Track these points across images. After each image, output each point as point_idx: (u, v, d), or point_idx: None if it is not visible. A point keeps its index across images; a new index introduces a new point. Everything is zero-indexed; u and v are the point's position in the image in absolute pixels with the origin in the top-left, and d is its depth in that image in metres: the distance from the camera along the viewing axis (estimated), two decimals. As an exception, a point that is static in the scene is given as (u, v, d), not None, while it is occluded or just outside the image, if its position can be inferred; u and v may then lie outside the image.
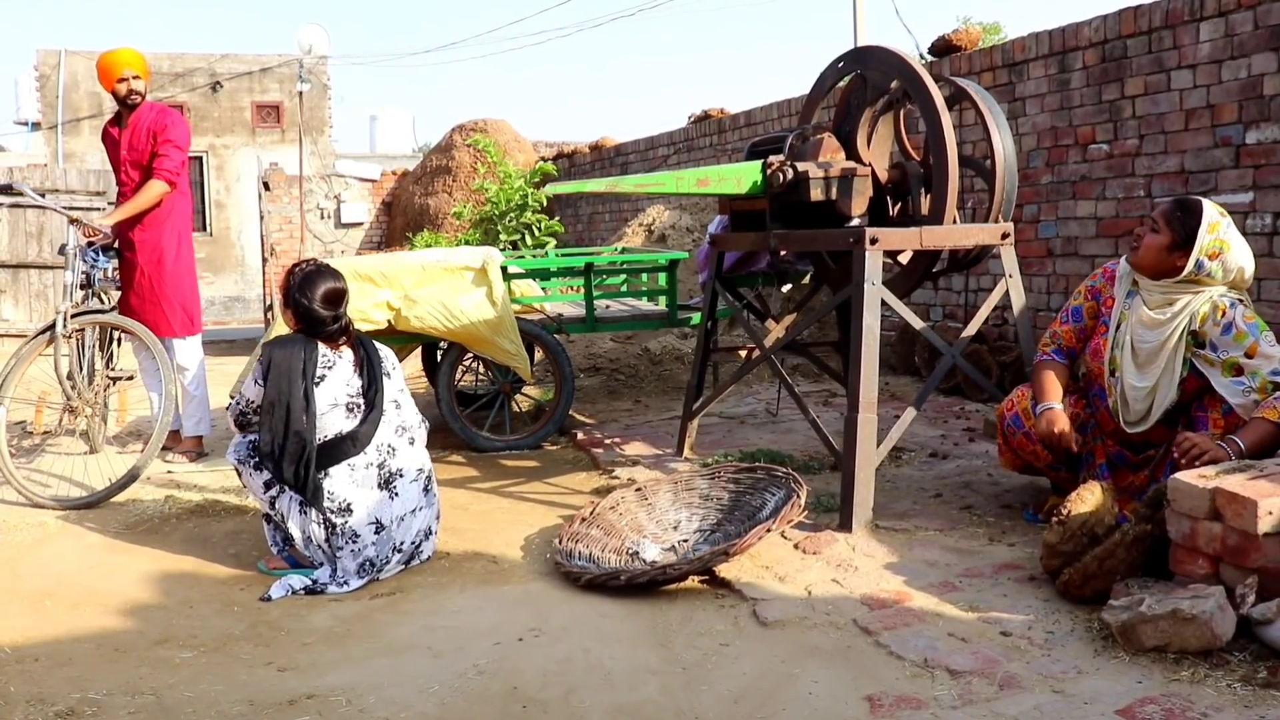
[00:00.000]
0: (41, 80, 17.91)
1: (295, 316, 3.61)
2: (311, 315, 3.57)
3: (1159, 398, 3.41)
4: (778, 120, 8.97)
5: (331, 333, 3.61)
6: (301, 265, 3.70)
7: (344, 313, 3.64)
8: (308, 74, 18.44)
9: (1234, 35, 4.91)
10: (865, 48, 4.48)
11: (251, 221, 18.39)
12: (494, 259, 5.26)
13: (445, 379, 5.39)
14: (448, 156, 16.29)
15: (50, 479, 4.84)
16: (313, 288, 3.58)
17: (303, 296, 3.57)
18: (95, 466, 4.94)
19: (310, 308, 3.56)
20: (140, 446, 5.22)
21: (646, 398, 6.63)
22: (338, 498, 3.49)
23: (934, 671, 2.59)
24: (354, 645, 2.98)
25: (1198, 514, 2.74)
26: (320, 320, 3.57)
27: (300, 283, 3.60)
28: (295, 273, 3.65)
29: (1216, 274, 3.34)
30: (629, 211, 11.46)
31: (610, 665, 2.75)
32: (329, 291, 3.59)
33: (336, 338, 3.63)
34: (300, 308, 3.57)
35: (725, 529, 3.76)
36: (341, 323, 3.63)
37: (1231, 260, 3.35)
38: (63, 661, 2.89)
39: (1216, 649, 2.55)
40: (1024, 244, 6.10)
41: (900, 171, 4.33)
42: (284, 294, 3.65)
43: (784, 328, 4.84)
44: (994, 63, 6.42)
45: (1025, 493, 4.05)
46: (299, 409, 3.48)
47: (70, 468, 5.00)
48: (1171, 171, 5.29)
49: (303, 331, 3.62)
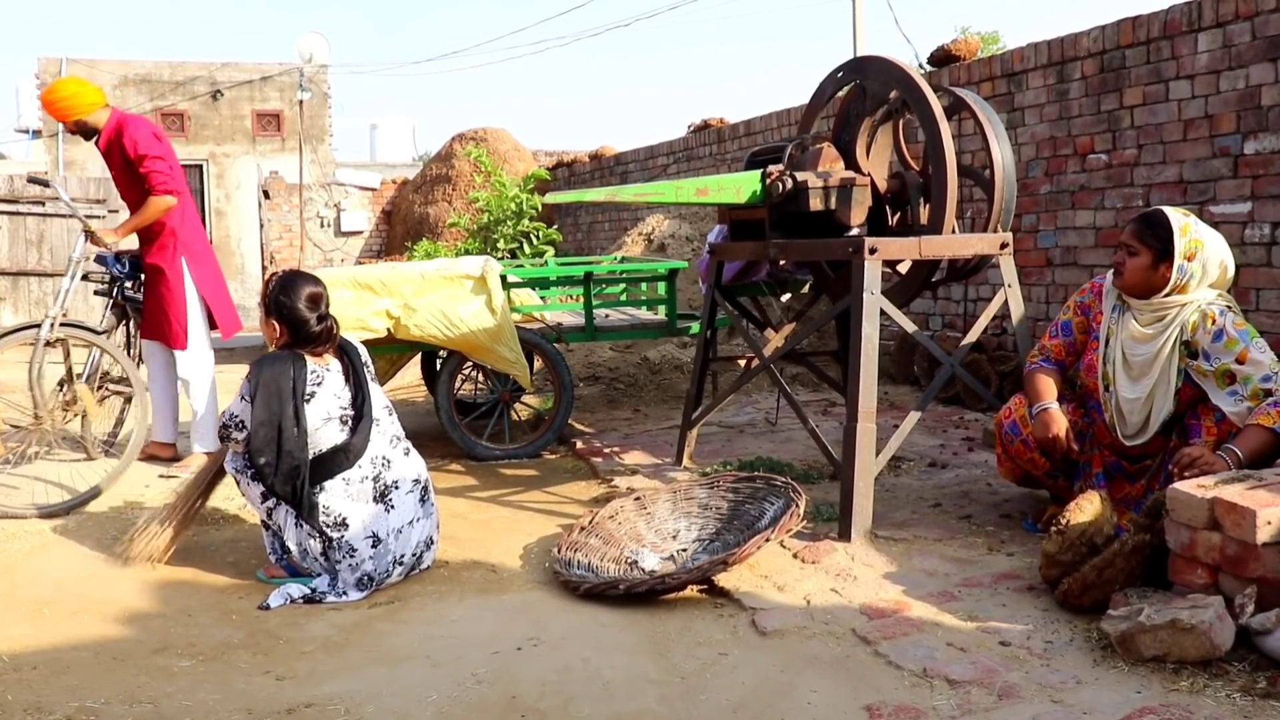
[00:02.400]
0: (43, 88, 17.92)
1: (279, 321, 3.59)
2: (295, 316, 3.55)
3: (1155, 409, 3.41)
4: (777, 130, 8.99)
5: (317, 335, 3.58)
6: (277, 273, 3.70)
7: (326, 313, 3.62)
8: (308, 82, 18.46)
9: (1232, 46, 4.92)
10: (864, 58, 4.49)
11: (251, 230, 18.39)
12: (493, 268, 5.27)
13: (444, 387, 5.39)
14: (448, 165, 16.31)
15: (26, 483, 4.82)
16: (294, 290, 3.57)
17: (285, 298, 3.55)
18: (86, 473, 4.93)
19: (294, 307, 3.54)
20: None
21: (646, 407, 6.63)
22: (333, 512, 3.47)
23: (933, 681, 2.59)
24: (352, 654, 2.97)
25: (1196, 524, 2.74)
26: (304, 321, 3.55)
27: (280, 287, 3.59)
28: (273, 280, 3.65)
29: (1198, 274, 3.36)
30: (628, 220, 11.48)
31: (609, 675, 2.75)
32: (311, 293, 3.58)
33: (322, 343, 3.60)
34: (284, 309, 3.55)
35: (724, 538, 3.76)
36: (326, 323, 3.60)
37: (1210, 255, 3.38)
38: (61, 670, 2.89)
39: (1216, 659, 2.54)
40: (1023, 254, 6.11)
41: (899, 181, 4.34)
42: (264, 303, 3.63)
43: (783, 337, 4.84)
44: (993, 73, 6.44)
45: (1024, 502, 4.05)
46: (290, 427, 3.45)
47: (59, 473, 5.00)
48: (1170, 181, 5.30)
49: (287, 342, 3.60)
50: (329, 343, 3.63)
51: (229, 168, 18.76)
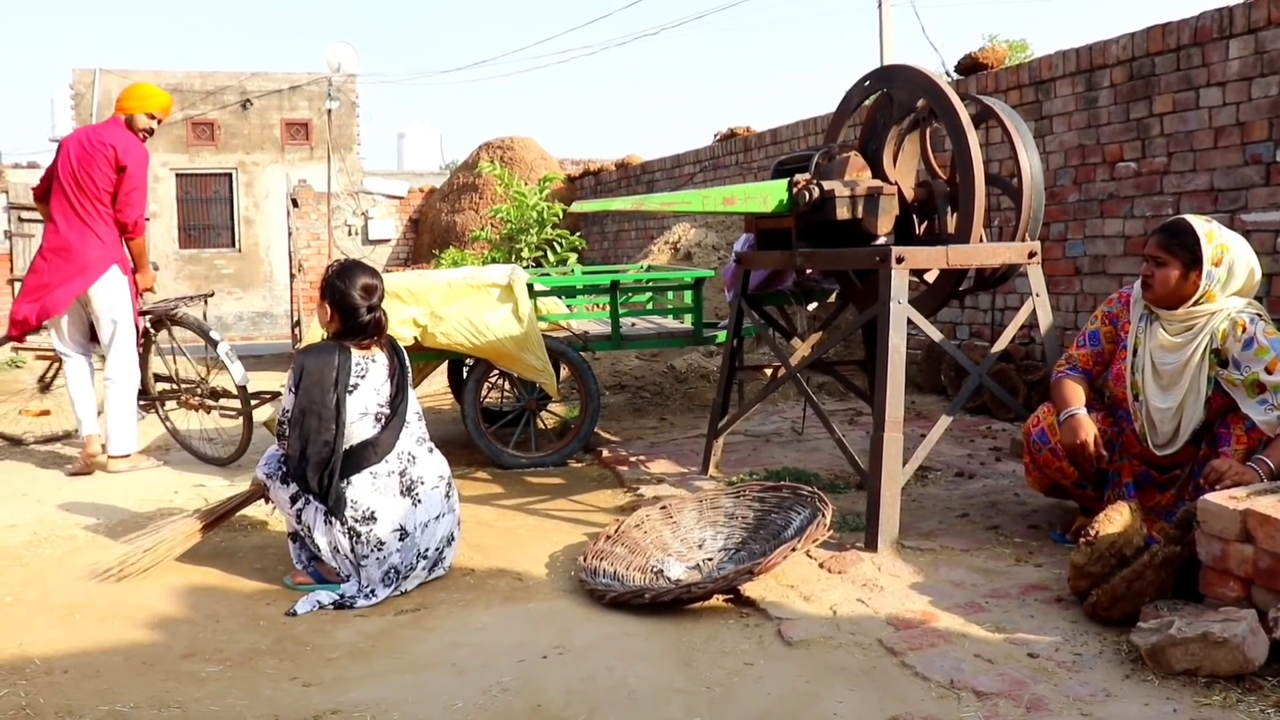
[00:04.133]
0: (76, 98, 18.15)
1: (331, 305, 3.65)
2: (347, 301, 3.62)
3: (1186, 418, 3.38)
4: (803, 138, 8.98)
5: (366, 324, 3.64)
6: (340, 260, 3.80)
7: (378, 304, 3.68)
8: (336, 92, 18.59)
9: (1264, 53, 4.88)
10: (891, 66, 4.48)
11: (280, 238, 18.55)
12: (520, 276, 5.29)
13: (471, 395, 5.41)
14: (474, 174, 16.37)
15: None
16: (351, 277, 3.65)
17: (340, 282, 3.64)
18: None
19: (347, 292, 3.61)
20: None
21: (672, 415, 6.63)
22: (361, 506, 3.52)
23: (960, 693, 2.57)
24: (378, 661, 2.99)
25: (1229, 536, 2.72)
26: (355, 308, 3.62)
27: (338, 272, 3.69)
28: (333, 265, 3.74)
29: (1224, 278, 3.34)
30: (655, 229, 11.49)
31: (634, 684, 2.74)
32: (365, 284, 3.66)
33: (370, 333, 3.66)
34: (336, 293, 3.63)
35: (750, 548, 3.75)
36: (376, 314, 3.66)
37: (1236, 258, 3.36)
38: (91, 674, 2.91)
39: (1248, 673, 2.51)
40: (1051, 263, 6.08)
41: (926, 190, 4.32)
42: (321, 286, 3.71)
43: (810, 346, 4.83)
44: (1021, 81, 6.41)
45: (1052, 513, 4.02)
46: (329, 418, 3.52)
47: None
48: (1200, 189, 5.26)
49: (337, 330, 3.66)
50: (378, 335, 3.69)
51: (258, 176, 18.92)
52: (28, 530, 4.39)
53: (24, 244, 11.00)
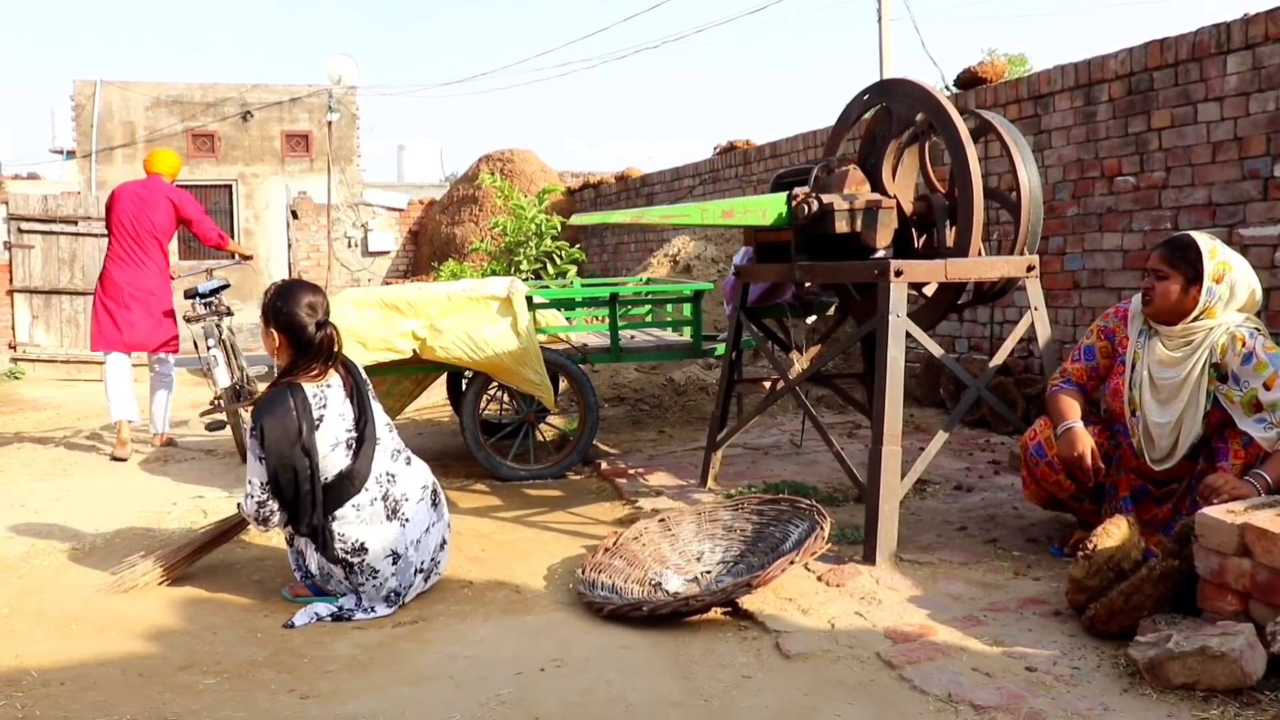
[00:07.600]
0: (77, 109, 18.18)
1: (277, 329, 3.49)
2: (293, 321, 3.45)
3: (1184, 432, 3.39)
4: (803, 152, 9.00)
5: (316, 343, 3.46)
6: (275, 284, 3.63)
7: (325, 319, 3.51)
8: (337, 104, 18.65)
9: (1262, 68, 4.90)
10: (890, 80, 4.49)
11: (280, 249, 18.56)
12: (519, 289, 5.29)
13: (470, 408, 5.41)
14: (474, 186, 16.42)
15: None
16: (291, 295, 3.50)
17: (281, 303, 3.47)
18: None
19: (292, 313, 3.45)
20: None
21: (670, 428, 6.63)
22: (349, 539, 3.45)
23: (958, 706, 2.57)
24: (376, 673, 2.98)
25: (1226, 550, 2.72)
26: (302, 327, 3.45)
27: (278, 293, 3.53)
28: (270, 290, 3.58)
29: (1225, 296, 3.35)
30: (654, 242, 11.51)
31: (632, 697, 2.74)
32: (309, 301, 3.49)
33: (321, 353, 3.48)
34: (280, 315, 3.46)
35: (748, 560, 3.75)
36: (325, 330, 3.47)
37: (1238, 278, 3.37)
38: (88, 686, 2.91)
39: (1246, 687, 2.51)
40: (1049, 276, 6.09)
41: (925, 204, 4.34)
42: (264, 312, 3.55)
43: (808, 359, 4.84)
44: (1019, 95, 6.43)
45: (1050, 526, 4.02)
46: (304, 468, 3.39)
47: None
48: (1199, 204, 5.27)
49: (289, 358, 3.51)
50: (330, 355, 3.51)
51: (258, 188, 18.94)
52: (25, 542, 4.38)
53: (24, 255, 11.03)
